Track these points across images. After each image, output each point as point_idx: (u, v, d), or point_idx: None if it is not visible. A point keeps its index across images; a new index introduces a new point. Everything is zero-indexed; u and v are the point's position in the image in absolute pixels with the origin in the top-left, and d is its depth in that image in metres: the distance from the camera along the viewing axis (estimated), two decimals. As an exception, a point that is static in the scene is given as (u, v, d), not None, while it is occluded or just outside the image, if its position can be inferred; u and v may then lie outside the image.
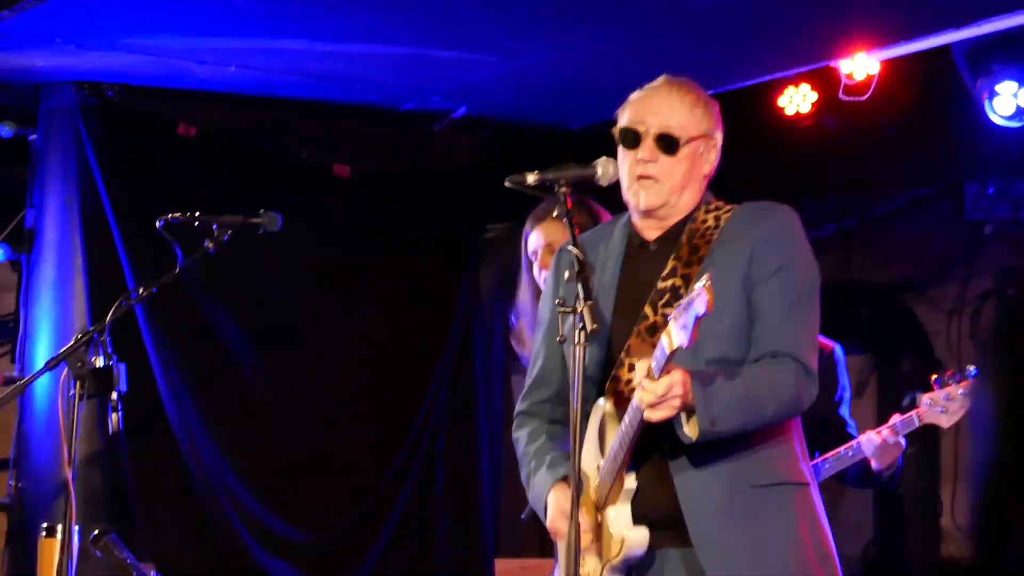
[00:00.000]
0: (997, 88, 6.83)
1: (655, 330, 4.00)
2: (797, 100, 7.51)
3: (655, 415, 3.80)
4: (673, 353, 3.70)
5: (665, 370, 3.76)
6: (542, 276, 5.15)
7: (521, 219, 8.02)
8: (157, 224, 4.91)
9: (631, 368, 4.05)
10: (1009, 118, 6.86)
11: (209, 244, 5.00)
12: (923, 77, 7.28)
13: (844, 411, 6.22)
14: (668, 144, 4.09)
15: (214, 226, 5.01)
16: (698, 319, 3.61)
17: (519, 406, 4.42)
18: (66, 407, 4.59)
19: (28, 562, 6.64)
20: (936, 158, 8.17)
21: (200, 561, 7.19)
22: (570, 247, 3.96)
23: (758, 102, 7.49)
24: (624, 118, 4.18)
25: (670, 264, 4.11)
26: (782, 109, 7.55)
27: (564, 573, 3.76)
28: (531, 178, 3.99)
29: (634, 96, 4.22)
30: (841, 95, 7.00)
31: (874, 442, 5.94)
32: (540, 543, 7.94)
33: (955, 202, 8.60)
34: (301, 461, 7.51)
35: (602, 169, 4.09)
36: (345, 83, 7.11)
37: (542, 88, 7.18)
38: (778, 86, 7.48)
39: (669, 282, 4.09)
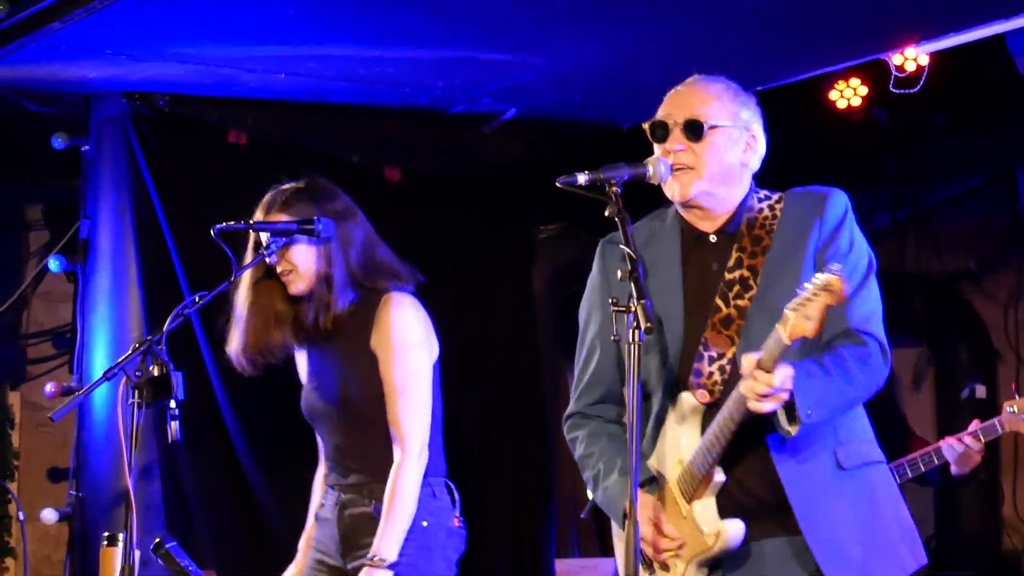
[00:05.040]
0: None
1: (730, 322, 4.05)
2: (848, 94, 7.50)
3: (764, 406, 3.81)
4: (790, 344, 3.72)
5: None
6: None
7: (572, 220, 8.01)
8: (212, 232, 4.90)
9: (711, 361, 4.07)
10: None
11: (264, 251, 4.99)
12: (974, 67, 7.24)
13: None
14: (694, 130, 4.12)
15: (269, 233, 5.00)
16: (825, 309, 3.64)
17: (572, 407, 4.40)
18: (125, 416, 4.60)
19: (90, 571, 6.69)
20: (988, 148, 8.13)
21: (260, 567, 7.20)
22: (622, 246, 3.94)
23: (809, 97, 7.48)
24: (657, 115, 4.23)
25: (734, 255, 4.14)
26: (833, 103, 7.53)
27: (624, 572, 3.75)
28: (582, 178, 3.98)
29: (666, 96, 4.27)
30: (892, 87, 6.97)
31: (957, 449, 5.94)
32: (600, 542, 7.94)
33: (1008, 191, 8.55)
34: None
35: (653, 168, 4.09)
36: (394, 87, 7.12)
37: (590, 88, 7.17)
38: (829, 80, 7.46)
39: (736, 273, 4.12)
